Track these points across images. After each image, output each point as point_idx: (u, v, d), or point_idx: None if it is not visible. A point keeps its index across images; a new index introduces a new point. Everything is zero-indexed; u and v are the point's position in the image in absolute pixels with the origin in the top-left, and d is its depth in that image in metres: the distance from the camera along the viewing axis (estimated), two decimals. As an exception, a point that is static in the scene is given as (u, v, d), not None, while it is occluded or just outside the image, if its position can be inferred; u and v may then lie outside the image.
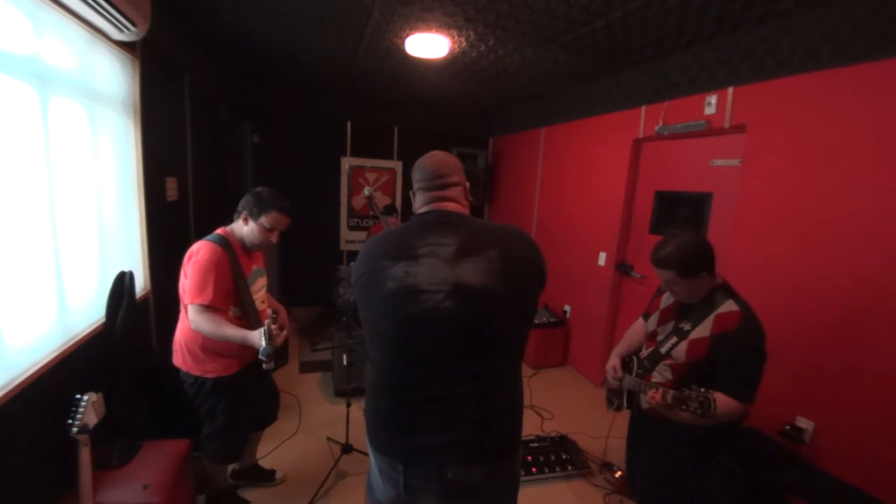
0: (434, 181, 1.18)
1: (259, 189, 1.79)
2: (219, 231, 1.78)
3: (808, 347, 2.07)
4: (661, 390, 1.44)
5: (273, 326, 1.57)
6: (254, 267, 1.86)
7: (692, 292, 1.50)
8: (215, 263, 1.63)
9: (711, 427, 1.52)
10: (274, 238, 1.81)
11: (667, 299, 1.70)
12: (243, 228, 1.77)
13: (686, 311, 1.57)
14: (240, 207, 1.78)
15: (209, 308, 1.62)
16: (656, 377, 1.60)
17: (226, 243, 1.71)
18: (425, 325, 1.04)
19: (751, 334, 1.41)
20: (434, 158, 1.21)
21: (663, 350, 1.58)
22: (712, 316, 1.46)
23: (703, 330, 1.47)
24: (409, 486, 1.11)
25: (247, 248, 1.83)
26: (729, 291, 1.51)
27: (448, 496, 1.10)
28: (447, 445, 1.06)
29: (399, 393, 1.10)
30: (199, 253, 1.65)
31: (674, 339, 1.55)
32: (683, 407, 1.33)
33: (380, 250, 1.12)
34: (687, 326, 1.52)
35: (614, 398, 1.81)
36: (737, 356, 1.40)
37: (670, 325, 1.61)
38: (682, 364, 1.52)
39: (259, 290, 1.89)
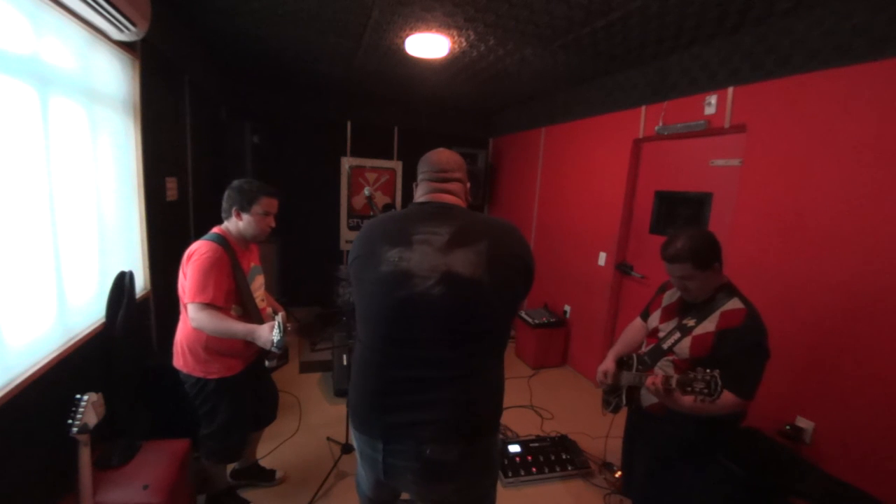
0: (436, 174, 1.24)
1: (236, 183, 1.78)
2: (216, 230, 1.77)
3: (809, 347, 2.07)
4: (661, 375, 1.44)
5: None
6: (252, 265, 1.86)
7: (705, 286, 1.51)
8: (216, 262, 1.63)
9: (711, 427, 1.52)
10: (272, 222, 1.82)
11: (669, 297, 1.71)
12: (238, 224, 1.76)
13: (689, 309, 1.58)
14: (226, 205, 1.76)
15: (210, 306, 1.61)
16: (658, 373, 1.60)
17: (224, 242, 1.71)
18: (414, 309, 1.08)
19: (755, 331, 1.43)
20: (441, 154, 1.27)
21: (665, 346, 1.59)
22: (718, 312, 1.48)
23: (708, 326, 1.49)
24: (388, 466, 1.14)
25: (245, 245, 1.82)
26: (733, 290, 1.53)
27: (426, 476, 1.12)
28: (426, 424, 1.10)
29: (382, 372, 1.14)
30: (198, 252, 1.64)
31: (677, 335, 1.56)
32: (689, 389, 1.33)
33: (377, 234, 1.18)
34: (691, 322, 1.53)
35: (612, 398, 1.78)
36: (740, 352, 1.42)
37: (673, 322, 1.62)
38: (685, 360, 1.52)
39: (259, 289, 1.89)
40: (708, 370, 1.32)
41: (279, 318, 1.56)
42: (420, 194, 1.26)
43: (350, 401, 1.23)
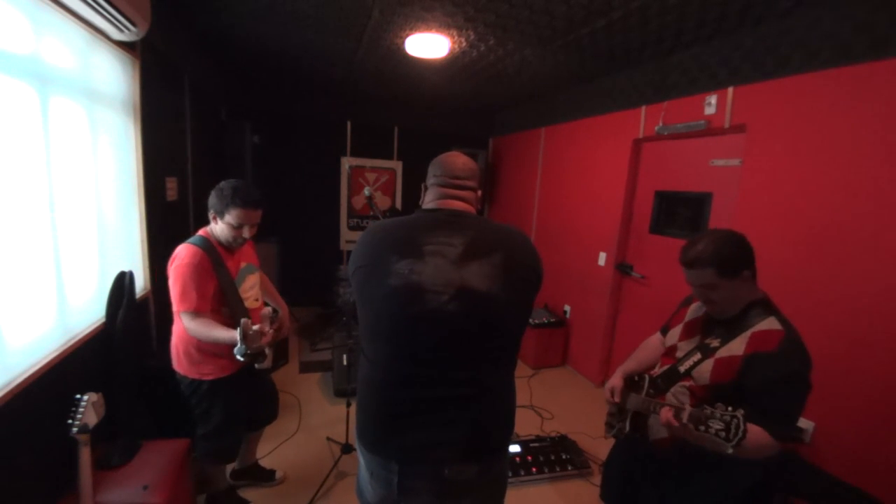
0: (450, 180, 1.16)
1: (222, 184, 1.68)
2: (200, 232, 1.74)
3: (808, 346, 2.06)
4: (673, 408, 1.22)
5: (255, 327, 1.47)
6: (242, 265, 1.82)
7: (732, 299, 1.29)
8: (194, 268, 1.60)
9: (765, 464, 1.34)
10: (246, 233, 1.71)
11: (693, 311, 1.48)
12: (215, 227, 1.71)
13: (714, 326, 1.35)
14: (209, 205, 1.69)
15: (197, 314, 1.60)
16: (670, 400, 1.38)
17: (207, 244, 1.67)
18: (427, 326, 1.03)
19: (794, 359, 1.20)
20: (456, 158, 1.19)
21: (682, 368, 1.36)
22: (748, 333, 1.25)
23: (734, 348, 1.26)
24: (403, 486, 1.11)
25: (228, 247, 1.76)
26: (770, 307, 1.30)
27: (443, 495, 1.10)
28: (443, 444, 1.06)
29: (395, 392, 1.09)
30: (178, 258, 1.62)
31: (697, 357, 1.33)
32: (702, 428, 1.11)
33: (383, 243, 1.09)
34: (715, 343, 1.31)
35: (615, 422, 1.59)
36: (775, 382, 1.18)
37: (695, 340, 1.39)
38: (704, 387, 1.30)
39: (250, 289, 1.85)
40: (729, 408, 1.08)
41: (241, 323, 1.41)
42: (429, 200, 1.18)
43: (358, 422, 1.17)
